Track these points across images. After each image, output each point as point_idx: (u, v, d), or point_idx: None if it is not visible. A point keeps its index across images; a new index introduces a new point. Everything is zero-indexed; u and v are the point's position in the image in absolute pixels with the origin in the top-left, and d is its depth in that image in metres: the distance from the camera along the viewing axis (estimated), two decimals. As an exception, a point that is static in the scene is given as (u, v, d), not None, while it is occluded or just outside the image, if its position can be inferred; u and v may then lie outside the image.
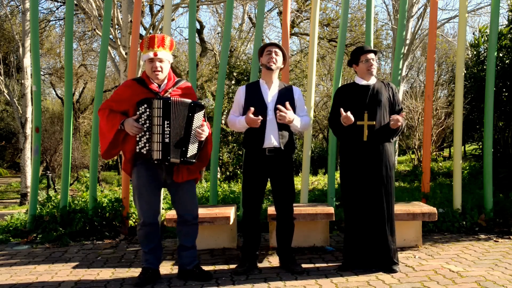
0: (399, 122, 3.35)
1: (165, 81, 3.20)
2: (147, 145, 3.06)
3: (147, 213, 3.17)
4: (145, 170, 3.14)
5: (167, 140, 3.01)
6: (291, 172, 3.48)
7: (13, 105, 12.65)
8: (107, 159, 3.32)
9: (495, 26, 4.81)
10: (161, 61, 3.12)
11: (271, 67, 3.40)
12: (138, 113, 3.06)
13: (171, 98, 3.05)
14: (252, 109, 3.27)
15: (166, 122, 3.01)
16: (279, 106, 3.28)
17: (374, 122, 3.39)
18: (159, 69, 3.11)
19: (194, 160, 3.15)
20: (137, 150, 3.08)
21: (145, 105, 3.05)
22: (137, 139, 3.08)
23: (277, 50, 3.43)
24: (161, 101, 3.01)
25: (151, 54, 3.09)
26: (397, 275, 3.27)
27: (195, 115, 3.09)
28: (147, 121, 3.06)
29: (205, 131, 3.16)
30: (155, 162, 3.06)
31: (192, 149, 3.12)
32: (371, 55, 3.49)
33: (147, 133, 3.06)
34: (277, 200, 3.47)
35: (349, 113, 3.31)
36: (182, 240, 3.31)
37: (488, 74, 4.78)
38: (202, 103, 3.19)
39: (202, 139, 3.16)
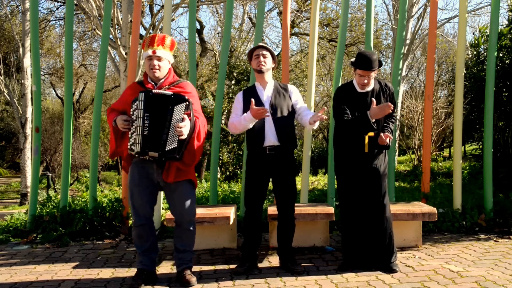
0: (386, 142, 3.28)
1: (162, 80, 3.20)
2: (136, 140, 3.04)
3: (138, 214, 3.16)
4: (137, 170, 3.15)
5: (146, 132, 2.98)
6: (293, 171, 3.49)
7: (13, 105, 12.65)
8: (112, 158, 3.38)
9: (495, 26, 4.81)
10: (159, 59, 3.13)
11: (261, 69, 3.44)
12: (131, 110, 3.07)
13: (153, 90, 3.04)
14: (253, 100, 3.26)
15: (146, 114, 2.99)
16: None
17: (373, 134, 3.34)
18: (156, 67, 3.11)
19: (176, 156, 3.02)
20: (128, 147, 3.07)
21: (136, 102, 3.05)
22: (129, 135, 3.08)
23: (264, 52, 3.46)
24: (143, 93, 3.01)
25: (149, 52, 3.11)
26: (397, 275, 3.28)
27: (175, 107, 3.00)
28: (138, 117, 3.06)
29: (185, 125, 3.01)
30: (136, 155, 3.06)
31: (172, 143, 3.00)
32: (364, 72, 3.31)
33: (137, 128, 3.03)
34: (279, 199, 3.48)
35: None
36: (176, 241, 3.29)
37: (488, 74, 4.78)
38: (187, 97, 3.07)
39: (182, 134, 3.00)
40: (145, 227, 3.19)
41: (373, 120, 3.31)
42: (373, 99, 3.32)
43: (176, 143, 3.01)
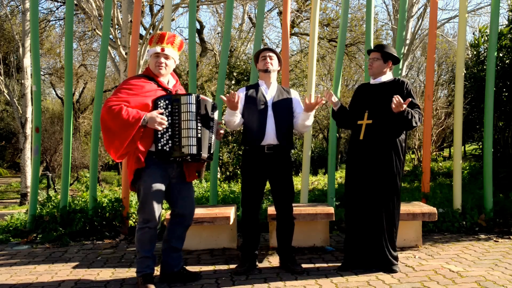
0: (402, 107, 3.17)
1: (173, 80, 3.24)
2: (169, 141, 2.98)
3: (155, 216, 3.03)
4: (160, 172, 3.04)
5: (199, 135, 3.02)
6: (290, 170, 3.50)
7: (13, 105, 12.65)
8: (122, 160, 3.14)
9: (495, 26, 4.81)
10: (166, 57, 3.12)
11: (268, 69, 3.47)
12: (159, 108, 3.00)
13: (200, 96, 3.10)
14: (237, 95, 3.25)
15: (198, 117, 3.03)
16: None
17: (371, 121, 3.40)
18: (163, 64, 3.10)
19: (212, 156, 3.23)
20: (159, 148, 2.98)
21: (167, 101, 3.01)
22: (159, 136, 2.98)
23: (271, 54, 3.51)
24: (193, 96, 3.02)
25: (158, 49, 3.09)
26: (397, 275, 3.28)
27: (214, 113, 3.20)
28: (169, 118, 3.00)
29: (223, 128, 3.33)
30: (188, 157, 3.01)
31: (214, 145, 3.23)
32: (371, 55, 3.56)
33: (170, 129, 3.00)
34: (277, 199, 3.48)
35: (334, 97, 3.58)
36: (174, 241, 3.24)
37: (488, 74, 4.78)
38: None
39: (221, 138, 3.31)
40: (156, 229, 3.11)
41: (336, 109, 3.64)
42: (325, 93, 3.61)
43: (215, 146, 3.27)
